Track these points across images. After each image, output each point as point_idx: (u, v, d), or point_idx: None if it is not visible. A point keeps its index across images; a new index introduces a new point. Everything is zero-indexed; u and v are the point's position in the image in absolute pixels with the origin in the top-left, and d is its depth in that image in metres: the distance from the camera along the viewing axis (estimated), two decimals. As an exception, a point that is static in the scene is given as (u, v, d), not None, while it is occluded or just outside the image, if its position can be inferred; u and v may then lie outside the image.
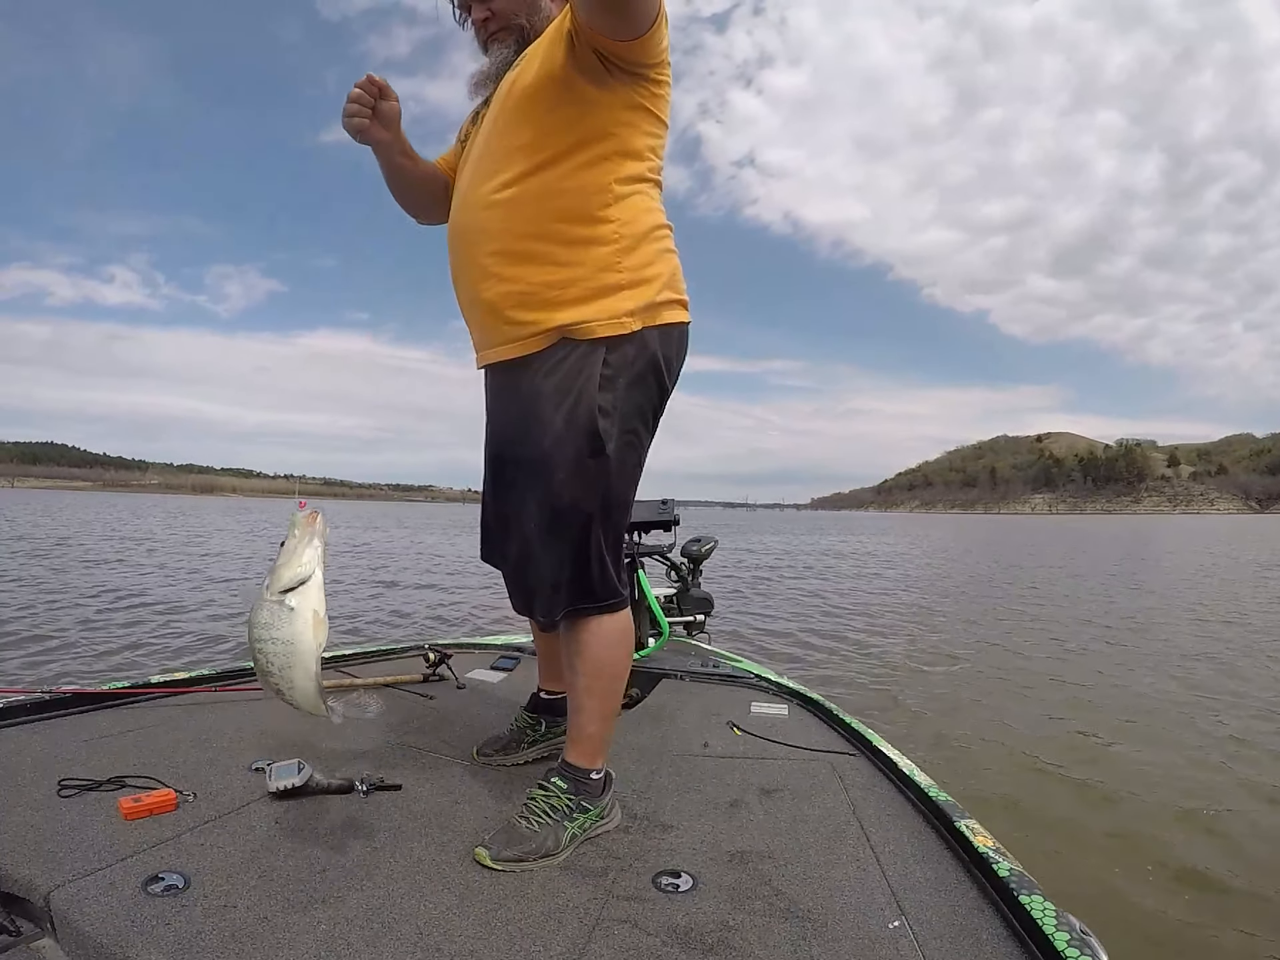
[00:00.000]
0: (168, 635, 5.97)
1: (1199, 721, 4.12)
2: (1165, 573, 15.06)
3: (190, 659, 5.20)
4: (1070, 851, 2.54)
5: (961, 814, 1.35)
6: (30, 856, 1.08)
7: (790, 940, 1.01)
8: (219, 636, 5.96)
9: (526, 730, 1.66)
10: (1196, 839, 2.66)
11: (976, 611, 8.79)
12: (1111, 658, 6.00)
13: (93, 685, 1.89)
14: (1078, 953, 0.92)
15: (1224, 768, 3.39)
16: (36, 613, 6.64)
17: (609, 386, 1.19)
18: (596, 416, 1.19)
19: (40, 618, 6.42)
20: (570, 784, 1.31)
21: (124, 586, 8.61)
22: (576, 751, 1.34)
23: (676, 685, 2.37)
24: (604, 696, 1.33)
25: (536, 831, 1.23)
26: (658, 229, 1.25)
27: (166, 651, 5.42)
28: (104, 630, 6.05)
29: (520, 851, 1.20)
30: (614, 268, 1.19)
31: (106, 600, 7.56)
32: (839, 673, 5.34)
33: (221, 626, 6.40)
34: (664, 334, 1.25)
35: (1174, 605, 9.49)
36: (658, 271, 1.24)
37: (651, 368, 1.24)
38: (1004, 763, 3.44)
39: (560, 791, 1.29)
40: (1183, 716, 4.23)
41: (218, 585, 9.31)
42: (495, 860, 1.18)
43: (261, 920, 0.98)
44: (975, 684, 5.03)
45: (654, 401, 1.28)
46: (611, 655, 1.32)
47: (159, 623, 6.49)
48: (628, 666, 1.38)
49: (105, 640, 5.67)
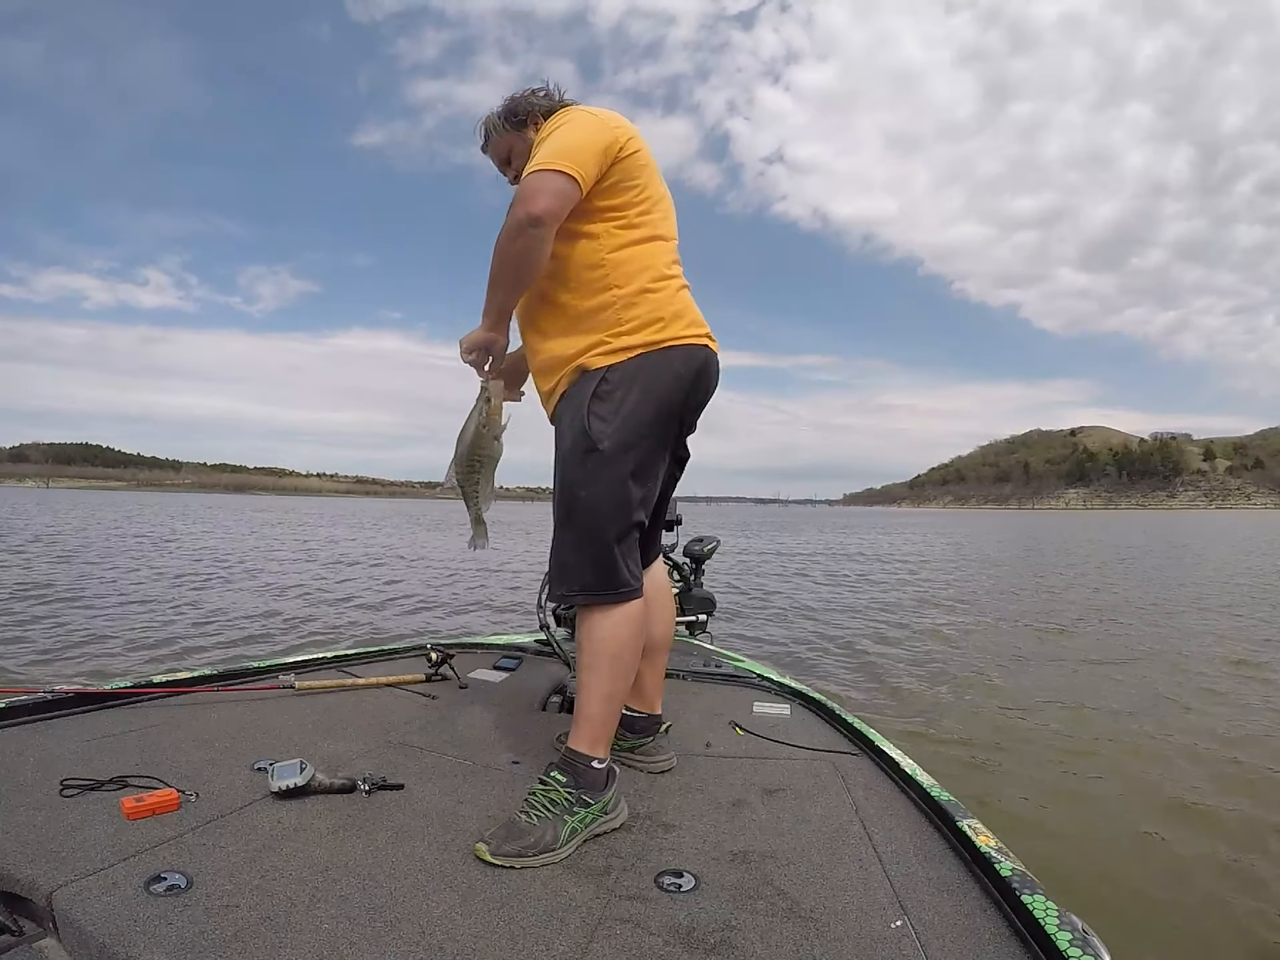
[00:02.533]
0: (167, 635, 5.97)
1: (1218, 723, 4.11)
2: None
3: (190, 659, 5.21)
4: (1071, 851, 2.53)
5: (964, 814, 1.35)
6: (33, 856, 1.08)
7: (792, 940, 1.01)
8: (218, 637, 5.97)
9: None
10: (1199, 839, 2.66)
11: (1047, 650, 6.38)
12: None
13: (94, 685, 1.90)
14: (1080, 952, 0.92)
15: (1226, 767, 3.39)
16: (38, 612, 6.66)
17: (606, 398, 1.40)
18: (588, 419, 1.39)
19: (41, 617, 6.43)
20: (570, 777, 1.32)
21: (125, 583, 8.63)
22: (578, 735, 1.37)
23: (679, 685, 2.37)
24: (605, 675, 1.38)
25: (535, 826, 1.24)
26: (654, 278, 1.46)
27: (167, 651, 5.43)
28: (105, 630, 6.06)
29: (519, 846, 1.20)
30: (615, 319, 1.43)
31: (109, 599, 7.57)
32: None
33: (218, 627, 6.41)
34: (662, 354, 1.43)
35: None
36: (651, 310, 1.44)
37: (648, 382, 1.41)
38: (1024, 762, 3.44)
39: (559, 785, 1.31)
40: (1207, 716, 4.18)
41: (214, 584, 9.32)
42: (495, 855, 1.19)
43: (264, 919, 0.98)
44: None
45: (654, 411, 1.42)
46: (615, 634, 1.39)
47: (159, 623, 6.50)
48: (633, 651, 1.41)
49: (105, 640, 5.68)
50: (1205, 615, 8.24)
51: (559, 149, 1.35)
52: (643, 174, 1.48)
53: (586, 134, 1.40)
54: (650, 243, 1.49)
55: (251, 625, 6.53)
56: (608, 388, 1.40)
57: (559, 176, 1.33)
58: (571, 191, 1.35)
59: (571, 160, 1.34)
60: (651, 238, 1.49)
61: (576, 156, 1.35)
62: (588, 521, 1.39)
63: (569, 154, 1.35)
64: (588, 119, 1.43)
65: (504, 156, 1.66)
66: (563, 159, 1.34)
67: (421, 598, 8.75)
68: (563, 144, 1.37)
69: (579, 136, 1.39)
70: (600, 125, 1.42)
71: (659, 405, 1.42)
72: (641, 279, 1.45)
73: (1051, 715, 4.25)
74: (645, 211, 1.49)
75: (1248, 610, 8.66)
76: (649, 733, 1.69)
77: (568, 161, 1.34)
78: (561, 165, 1.33)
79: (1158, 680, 5.15)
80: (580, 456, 1.39)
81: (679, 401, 1.45)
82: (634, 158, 1.46)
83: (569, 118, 1.44)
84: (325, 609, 7.60)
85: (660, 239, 1.51)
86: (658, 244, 1.50)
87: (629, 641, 1.40)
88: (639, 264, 1.46)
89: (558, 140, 1.38)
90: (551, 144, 1.37)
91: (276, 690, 2.06)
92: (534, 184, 1.32)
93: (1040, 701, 4.55)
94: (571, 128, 1.41)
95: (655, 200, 1.51)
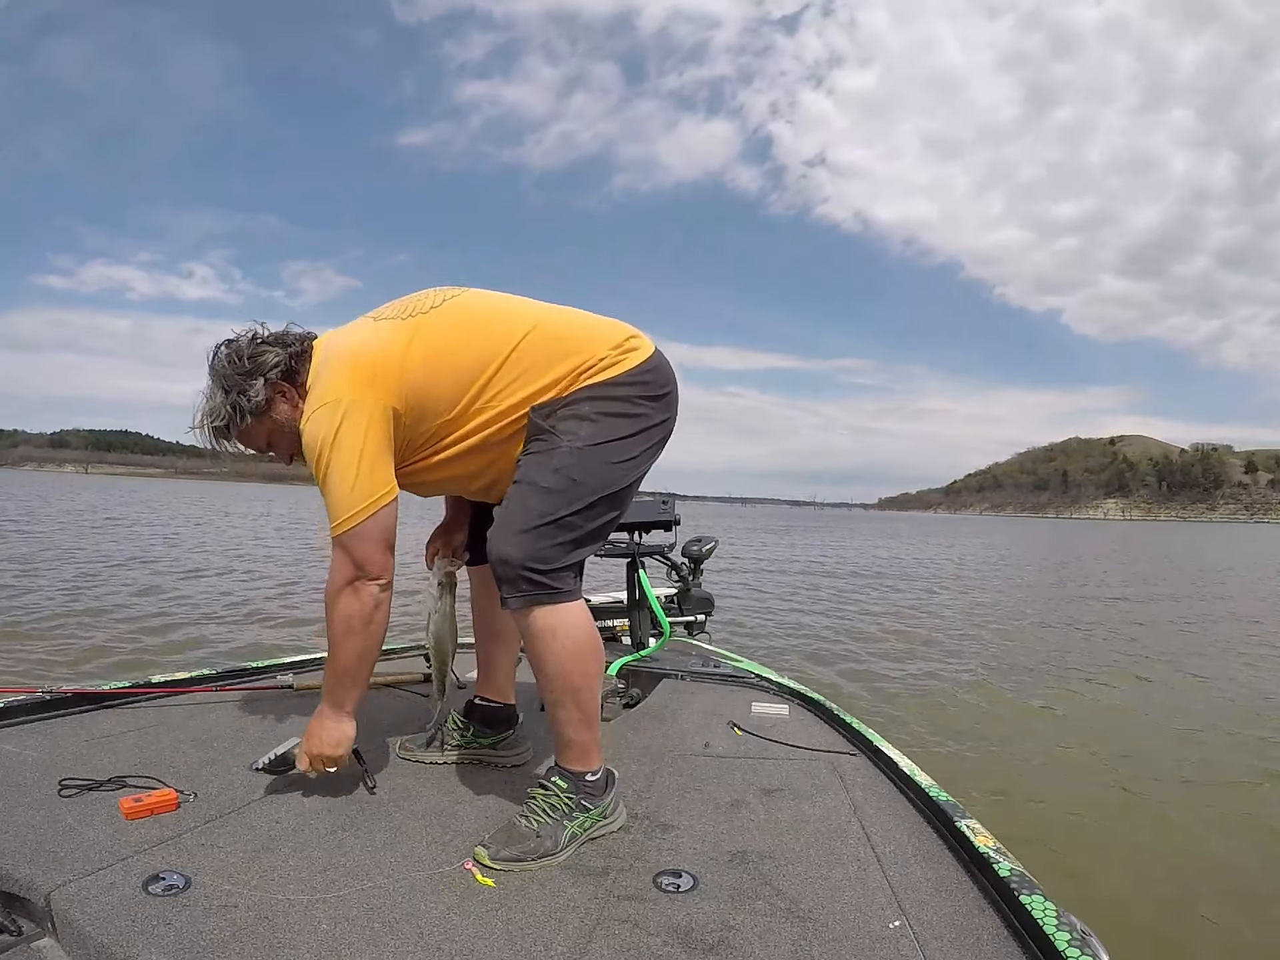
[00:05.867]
0: (166, 634, 5.97)
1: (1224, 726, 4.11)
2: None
3: (190, 659, 5.20)
4: (1071, 851, 2.54)
5: (962, 814, 1.35)
6: (31, 856, 1.08)
7: (791, 940, 1.01)
8: (218, 636, 5.97)
9: (454, 732, 1.66)
10: (1199, 838, 2.66)
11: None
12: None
13: (93, 685, 1.89)
14: (1078, 953, 0.92)
15: (1228, 768, 3.39)
16: (39, 610, 6.64)
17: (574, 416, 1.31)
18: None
19: (42, 617, 6.42)
20: (570, 783, 1.31)
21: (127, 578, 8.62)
22: (567, 757, 1.34)
23: (677, 685, 2.37)
24: (574, 705, 1.31)
25: (536, 831, 1.23)
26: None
27: (166, 651, 5.42)
28: (105, 629, 6.05)
29: (519, 851, 1.20)
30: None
31: (115, 598, 7.55)
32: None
33: (218, 627, 6.40)
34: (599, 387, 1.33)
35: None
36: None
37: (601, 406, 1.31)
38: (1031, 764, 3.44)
39: (560, 790, 1.29)
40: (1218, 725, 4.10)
41: (214, 583, 9.30)
42: (494, 860, 1.18)
43: (262, 920, 0.98)
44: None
45: (616, 427, 1.32)
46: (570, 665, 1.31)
47: (158, 622, 6.49)
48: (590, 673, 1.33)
49: (107, 638, 5.67)
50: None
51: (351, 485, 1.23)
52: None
53: (358, 441, 1.23)
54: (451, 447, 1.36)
55: (249, 625, 6.52)
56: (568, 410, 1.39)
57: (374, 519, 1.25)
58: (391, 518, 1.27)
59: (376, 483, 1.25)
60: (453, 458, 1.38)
61: (376, 475, 1.25)
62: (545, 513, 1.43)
63: (368, 478, 1.24)
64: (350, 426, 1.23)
65: (261, 444, 1.42)
66: (365, 497, 1.24)
67: (420, 597, 8.73)
68: (349, 475, 1.23)
69: (352, 452, 1.23)
70: (361, 412, 1.24)
71: (626, 421, 1.40)
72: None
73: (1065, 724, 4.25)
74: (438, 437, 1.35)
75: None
76: (511, 724, 1.66)
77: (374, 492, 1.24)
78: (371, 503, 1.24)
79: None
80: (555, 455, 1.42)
81: (644, 412, 1.42)
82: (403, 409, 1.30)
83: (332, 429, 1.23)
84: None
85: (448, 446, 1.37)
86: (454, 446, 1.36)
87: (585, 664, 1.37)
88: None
89: (338, 474, 1.23)
90: (336, 479, 1.23)
91: (275, 690, 2.05)
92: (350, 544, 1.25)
93: (1048, 706, 4.55)
94: (339, 452, 1.23)
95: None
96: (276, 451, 1.42)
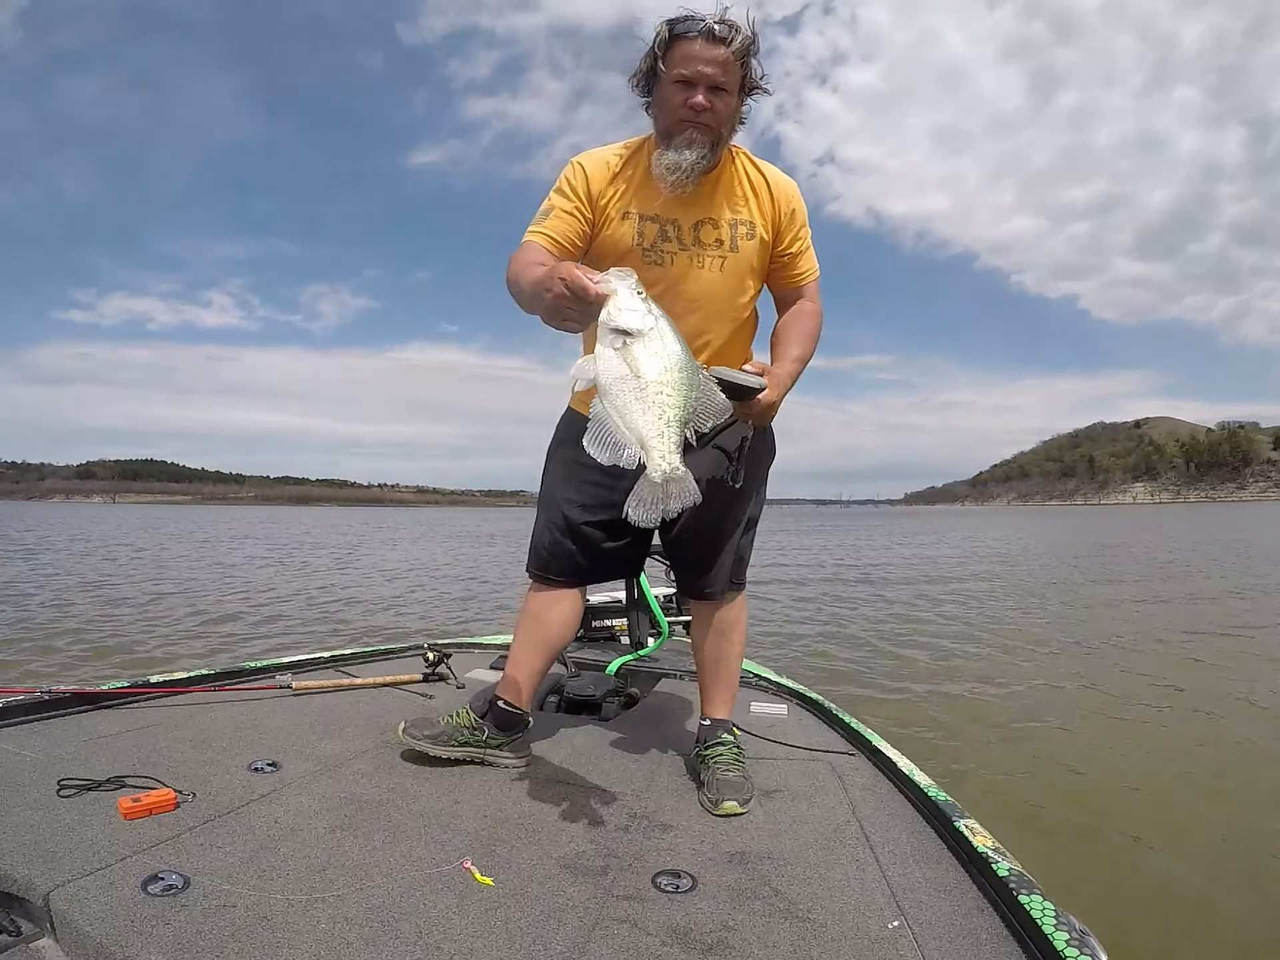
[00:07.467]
0: (165, 635, 5.97)
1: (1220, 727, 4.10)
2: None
3: (189, 658, 5.20)
4: (1071, 850, 2.54)
5: (961, 814, 1.35)
6: (30, 856, 1.08)
7: (790, 940, 1.01)
8: (218, 636, 5.96)
9: (463, 729, 1.64)
10: (1199, 839, 2.66)
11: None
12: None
13: (91, 685, 1.89)
14: (1077, 953, 0.92)
15: (1228, 771, 3.39)
16: (40, 613, 6.64)
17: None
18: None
19: (42, 618, 6.42)
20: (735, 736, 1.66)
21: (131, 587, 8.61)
22: (729, 708, 1.72)
23: (676, 685, 2.37)
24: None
25: (746, 778, 1.53)
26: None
27: (167, 650, 5.42)
28: (102, 630, 6.05)
29: (746, 795, 1.48)
30: None
31: (113, 603, 7.55)
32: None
33: (215, 626, 6.40)
34: None
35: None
36: None
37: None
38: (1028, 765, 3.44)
39: (736, 740, 1.64)
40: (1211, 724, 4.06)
41: (217, 587, 9.30)
42: (744, 807, 1.45)
43: (261, 920, 0.98)
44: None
45: None
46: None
47: (157, 623, 6.49)
48: None
49: (107, 639, 5.67)
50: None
51: None
52: None
53: None
54: None
55: (248, 625, 6.52)
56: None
57: None
58: None
59: None
60: None
61: None
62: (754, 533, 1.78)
63: None
64: None
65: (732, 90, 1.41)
66: None
67: (419, 598, 8.74)
68: None
69: None
70: None
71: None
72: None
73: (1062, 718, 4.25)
74: None
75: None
76: (521, 729, 1.68)
77: None
78: None
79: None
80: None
81: None
82: None
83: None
84: (322, 609, 7.59)
85: None
86: None
87: None
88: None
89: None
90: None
91: (274, 690, 2.05)
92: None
93: (1049, 704, 4.55)
94: None
95: None
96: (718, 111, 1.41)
